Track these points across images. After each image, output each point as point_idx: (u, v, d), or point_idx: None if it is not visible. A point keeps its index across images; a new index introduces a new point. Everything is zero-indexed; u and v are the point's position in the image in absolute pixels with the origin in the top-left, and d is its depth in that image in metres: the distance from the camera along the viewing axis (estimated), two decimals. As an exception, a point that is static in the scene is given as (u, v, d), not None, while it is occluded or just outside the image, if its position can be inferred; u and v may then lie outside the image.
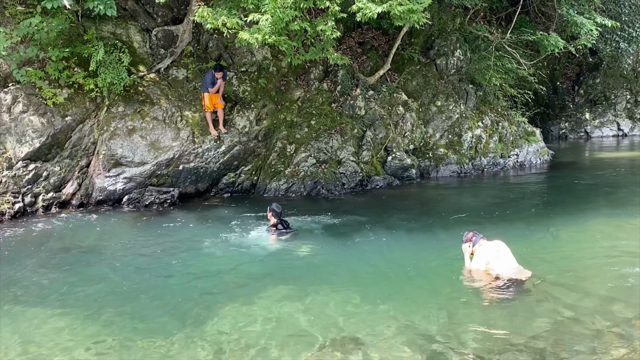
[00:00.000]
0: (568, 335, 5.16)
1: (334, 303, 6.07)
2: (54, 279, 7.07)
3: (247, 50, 12.79)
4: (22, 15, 10.58)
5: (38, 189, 10.52)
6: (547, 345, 4.95)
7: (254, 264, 7.58)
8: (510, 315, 5.63)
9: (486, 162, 14.95)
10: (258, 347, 5.09)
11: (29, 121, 10.50)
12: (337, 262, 7.53)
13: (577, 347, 4.91)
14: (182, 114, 11.75)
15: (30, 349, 5.17)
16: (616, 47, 19.35)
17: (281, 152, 12.51)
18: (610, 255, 7.45)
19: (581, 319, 5.45)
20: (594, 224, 9.11)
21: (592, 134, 22.99)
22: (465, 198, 11.88)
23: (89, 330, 5.52)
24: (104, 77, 10.85)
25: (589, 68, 23.55)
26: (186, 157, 11.52)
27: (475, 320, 5.51)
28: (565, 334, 5.18)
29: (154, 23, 12.34)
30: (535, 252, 7.63)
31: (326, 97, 13.59)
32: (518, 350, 4.86)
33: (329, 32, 9.59)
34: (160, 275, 7.15)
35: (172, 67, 12.22)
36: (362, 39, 15.14)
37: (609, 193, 11.83)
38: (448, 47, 15.41)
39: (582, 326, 5.31)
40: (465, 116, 15.01)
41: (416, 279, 6.81)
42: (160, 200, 11.01)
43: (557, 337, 5.11)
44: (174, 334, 5.39)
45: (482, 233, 6.85)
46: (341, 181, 12.39)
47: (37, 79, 10.58)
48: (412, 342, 5.08)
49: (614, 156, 18.15)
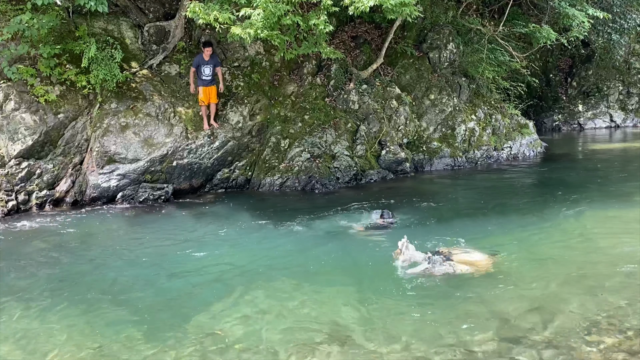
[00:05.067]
0: (561, 325, 5.21)
1: (329, 296, 6.09)
2: (48, 276, 7.06)
3: (240, 46, 12.75)
4: (12, 12, 10.49)
5: (31, 187, 10.48)
6: (540, 334, 5.00)
7: (249, 259, 7.60)
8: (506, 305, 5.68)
9: (480, 155, 14.99)
10: (251, 341, 5.11)
11: (21, 119, 10.44)
12: (332, 257, 7.55)
13: (571, 334, 4.97)
14: (175, 110, 11.72)
15: (25, 345, 5.17)
16: (608, 39, 19.42)
17: (275, 147, 12.50)
18: (603, 246, 7.51)
19: (569, 307, 5.51)
20: (586, 215, 9.17)
21: (585, 126, 23.08)
22: (459, 191, 11.92)
23: (81, 328, 5.52)
24: (96, 73, 10.80)
25: (582, 60, 23.61)
26: (180, 153, 11.50)
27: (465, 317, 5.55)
28: (559, 323, 5.24)
29: (145, 19, 12.28)
30: (529, 243, 7.69)
31: (320, 91, 13.58)
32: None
33: (321, 26, 9.58)
34: (155, 272, 7.15)
35: (165, 63, 12.18)
36: (355, 33, 15.12)
37: (602, 184, 11.90)
38: (441, 40, 15.41)
39: (572, 316, 5.36)
40: (458, 109, 15.03)
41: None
42: (154, 197, 10.99)
43: (553, 331, 5.16)
44: (169, 329, 5.41)
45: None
46: (335, 175, 12.40)
47: (28, 76, 10.52)
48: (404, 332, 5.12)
49: (607, 148, 18.24)
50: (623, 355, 4.56)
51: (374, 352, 4.82)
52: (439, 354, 4.73)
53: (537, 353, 4.67)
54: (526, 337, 4.97)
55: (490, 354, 4.71)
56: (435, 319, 5.39)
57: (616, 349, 4.67)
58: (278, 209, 10.18)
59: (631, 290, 5.89)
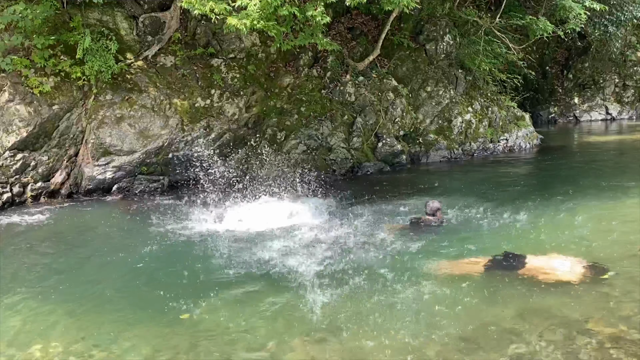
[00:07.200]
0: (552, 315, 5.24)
1: (325, 291, 6.10)
2: (41, 269, 7.05)
3: (236, 37, 12.68)
4: (6, 2, 10.39)
5: (26, 179, 10.43)
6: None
7: (245, 252, 7.58)
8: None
9: (476, 147, 15.01)
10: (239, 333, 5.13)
11: (16, 110, 10.37)
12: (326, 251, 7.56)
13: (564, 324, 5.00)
14: (171, 101, 11.66)
15: (19, 337, 5.17)
16: (605, 31, 19.40)
17: (271, 139, 12.47)
18: (595, 238, 7.54)
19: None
20: (580, 207, 9.19)
21: (580, 118, 23.13)
22: (455, 183, 11.92)
23: (76, 319, 5.52)
24: (91, 65, 10.73)
25: (578, 52, 23.60)
26: (176, 145, 11.46)
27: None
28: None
29: (140, 10, 12.19)
30: (522, 234, 7.72)
31: (316, 83, 13.55)
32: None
33: (318, 18, 9.53)
34: (150, 264, 7.12)
35: (160, 54, 12.11)
36: (352, 24, 15.07)
37: (597, 177, 11.92)
38: (437, 32, 15.37)
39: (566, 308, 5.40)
40: (455, 101, 15.02)
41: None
42: (150, 189, 10.97)
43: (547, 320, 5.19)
44: (162, 322, 5.41)
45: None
46: (332, 168, 12.39)
47: (22, 67, 10.43)
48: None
49: (602, 140, 18.29)
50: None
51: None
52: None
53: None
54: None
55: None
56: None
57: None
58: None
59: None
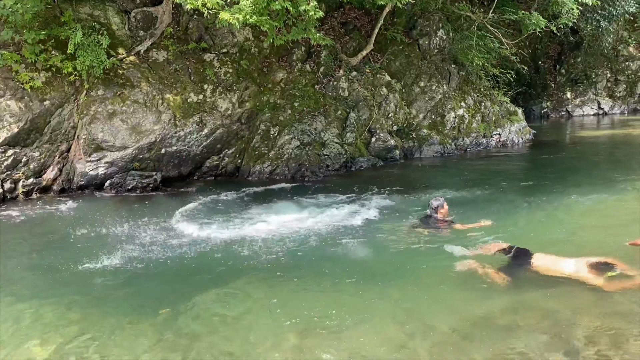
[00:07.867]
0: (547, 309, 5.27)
1: (321, 287, 6.11)
2: (31, 265, 7.01)
3: (228, 31, 12.62)
4: (-4, -4, 10.30)
5: (18, 175, 10.36)
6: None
7: (237, 250, 7.57)
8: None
9: (469, 142, 15.04)
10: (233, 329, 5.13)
11: (6, 106, 10.28)
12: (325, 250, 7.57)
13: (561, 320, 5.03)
14: (163, 96, 11.59)
15: (7, 336, 5.14)
16: (597, 26, 19.45)
17: (265, 135, 12.44)
18: (588, 232, 7.59)
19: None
20: (572, 201, 9.24)
21: (573, 113, 23.23)
22: (448, 177, 11.94)
23: (70, 316, 5.50)
24: (82, 60, 10.65)
25: (570, 47, 23.68)
26: (168, 140, 11.40)
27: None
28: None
29: (132, 4, 12.09)
30: (517, 228, 7.75)
31: (309, 78, 13.51)
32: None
33: (311, 12, 9.50)
34: (141, 261, 7.08)
35: (152, 49, 12.02)
36: (345, 19, 15.02)
37: (589, 171, 12.00)
38: (430, 26, 15.37)
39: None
40: (448, 96, 15.04)
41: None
42: (142, 185, 10.91)
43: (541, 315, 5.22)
44: (153, 320, 5.39)
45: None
46: (325, 163, 12.38)
47: (13, 62, 10.34)
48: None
49: (594, 134, 18.38)
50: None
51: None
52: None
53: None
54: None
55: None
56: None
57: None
58: (276, 197, 10.16)
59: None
